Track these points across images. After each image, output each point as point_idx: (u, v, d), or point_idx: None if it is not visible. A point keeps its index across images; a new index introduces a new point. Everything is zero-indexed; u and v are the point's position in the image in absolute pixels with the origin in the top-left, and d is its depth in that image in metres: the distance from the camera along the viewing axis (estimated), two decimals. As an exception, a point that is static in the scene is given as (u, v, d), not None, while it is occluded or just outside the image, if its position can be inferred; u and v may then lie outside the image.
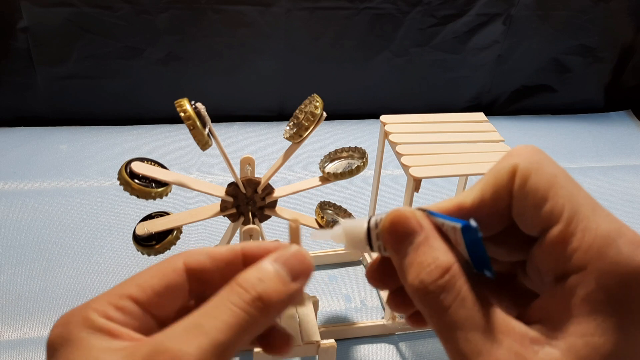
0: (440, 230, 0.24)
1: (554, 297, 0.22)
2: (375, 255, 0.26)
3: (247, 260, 0.26)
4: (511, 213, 0.24)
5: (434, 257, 0.23)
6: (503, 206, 0.24)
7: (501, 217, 0.24)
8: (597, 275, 0.21)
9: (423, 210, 0.25)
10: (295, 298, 0.25)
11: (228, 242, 0.52)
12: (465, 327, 0.22)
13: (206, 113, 0.43)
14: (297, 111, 0.49)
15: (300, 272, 0.25)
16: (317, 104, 0.47)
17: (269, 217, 0.52)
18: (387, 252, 0.25)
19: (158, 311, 0.25)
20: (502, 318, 0.22)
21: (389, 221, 0.24)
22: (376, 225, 0.25)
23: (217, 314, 0.23)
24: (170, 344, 0.22)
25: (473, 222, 0.22)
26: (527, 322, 0.23)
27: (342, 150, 0.52)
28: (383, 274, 0.26)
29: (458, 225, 0.22)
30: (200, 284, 0.26)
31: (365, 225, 0.25)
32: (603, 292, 0.21)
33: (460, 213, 0.24)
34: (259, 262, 0.25)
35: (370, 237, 0.25)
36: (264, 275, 0.24)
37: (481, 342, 0.22)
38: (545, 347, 0.22)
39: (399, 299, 0.27)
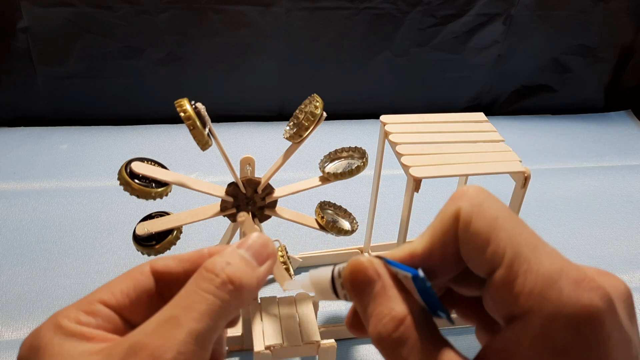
0: (397, 278, 0.25)
1: (503, 340, 0.22)
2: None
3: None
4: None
5: (389, 307, 0.23)
6: (452, 251, 0.24)
7: (454, 261, 0.24)
8: (540, 320, 0.21)
9: (380, 258, 0.25)
10: (263, 282, 0.25)
11: (228, 242, 0.52)
12: None
13: (206, 113, 0.43)
14: (297, 111, 0.49)
15: (265, 256, 0.25)
16: (317, 104, 0.47)
17: (269, 217, 0.52)
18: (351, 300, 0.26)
19: (130, 315, 0.25)
20: None
21: (349, 271, 0.25)
22: (339, 274, 0.25)
23: (190, 303, 0.23)
24: (147, 339, 0.22)
25: (421, 273, 0.23)
26: None
27: (342, 150, 0.52)
28: (361, 323, 0.26)
29: (409, 274, 0.23)
30: (169, 288, 0.26)
31: (330, 275, 0.26)
32: (546, 337, 0.21)
33: (412, 261, 0.25)
34: (223, 250, 0.25)
35: (335, 286, 0.26)
36: (230, 259, 0.24)
37: None
38: None
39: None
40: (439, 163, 0.50)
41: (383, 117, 0.56)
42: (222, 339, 0.27)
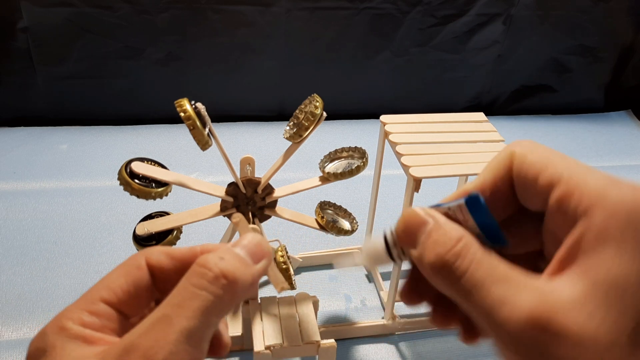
0: (449, 215, 0.25)
1: (566, 247, 0.22)
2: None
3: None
4: (514, 195, 0.25)
5: (444, 233, 0.24)
6: (505, 189, 0.25)
7: (505, 201, 0.25)
8: (603, 212, 0.21)
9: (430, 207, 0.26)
10: (257, 280, 0.25)
11: (228, 242, 0.52)
12: (485, 284, 0.22)
13: (206, 113, 0.43)
14: (297, 111, 0.49)
15: (259, 255, 0.25)
16: (317, 104, 0.47)
17: (269, 217, 0.52)
18: (406, 254, 0.26)
19: (130, 310, 0.25)
20: (520, 271, 0.22)
21: (402, 221, 0.25)
22: (391, 233, 0.26)
23: (182, 301, 0.23)
24: (139, 340, 0.22)
25: (474, 192, 0.24)
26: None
27: (342, 150, 0.52)
28: (415, 291, 0.27)
29: (462, 201, 0.24)
30: (163, 283, 0.26)
31: (382, 238, 0.26)
32: (612, 224, 0.21)
33: (465, 196, 0.25)
34: (216, 248, 0.25)
35: (389, 248, 0.26)
36: (224, 254, 0.24)
37: (503, 292, 0.22)
38: (566, 282, 0.21)
39: (440, 314, 0.27)
40: (439, 163, 0.50)
41: (383, 117, 0.56)
42: (224, 325, 0.27)
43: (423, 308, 0.27)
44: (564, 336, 0.20)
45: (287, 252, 0.52)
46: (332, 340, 0.49)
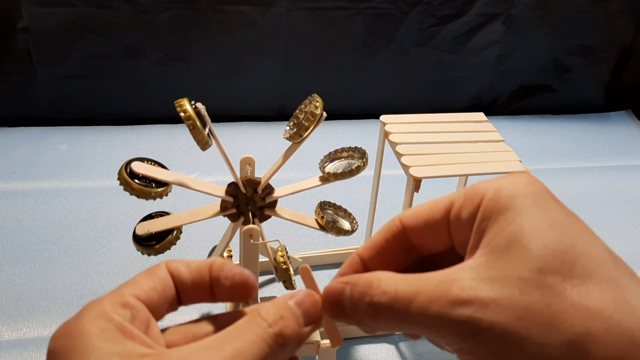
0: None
1: (472, 238, 0.26)
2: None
3: (213, 274, 0.28)
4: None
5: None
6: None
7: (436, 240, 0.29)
8: (489, 198, 0.25)
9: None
10: (304, 342, 0.26)
11: (228, 242, 0.52)
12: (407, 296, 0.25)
13: (206, 113, 0.43)
14: (297, 111, 0.49)
15: (313, 316, 0.27)
16: (317, 104, 0.47)
17: (269, 217, 0.52)
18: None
19: (157, 311, 0.26)
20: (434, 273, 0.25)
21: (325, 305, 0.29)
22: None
23: (242, 340, 0.24)
24: (190, 357, 0.23)
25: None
26: None
27: (342, 150, 0.52)
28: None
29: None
30: (181, 291, 0.27)
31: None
32: (496, 203, 0.25)
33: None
34: (277, 299, 0.26)
35: None
36: (283, 313, 0.25)
37: (415, 289, 0.25)
38: (470, 260, 0.25)
39: None
40: (439, 163, 0.50)
41: (383, 117, 0.56)
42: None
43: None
44: (464, 302, 0.23)
45: (287, 252, 0.52)
46: (332, 340, 0.49)
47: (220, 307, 0.59)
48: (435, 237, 0.28)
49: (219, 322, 0.27)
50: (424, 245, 0.29)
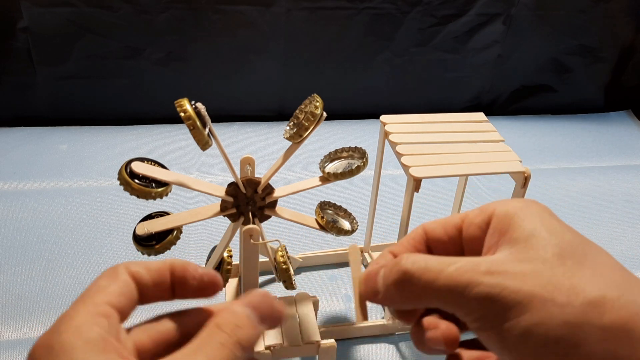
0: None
1: (491, 239, 0.30)
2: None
3: (177, 275, 0.29)
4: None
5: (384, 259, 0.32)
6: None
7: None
8: (500, 213, 0.30)
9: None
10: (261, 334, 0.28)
11: (228, 242, 0.52)
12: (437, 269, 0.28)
13: (206, 113, 0.43)
14: (297, 111, 0.49)
15: (269, 317, 0.28)
16: (317, 104, 0.47)
17: (269, 217, 0.52)
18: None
19: (124, 315, 0.27)
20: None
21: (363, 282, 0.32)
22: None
23: (208, 351, 0.25)
24: None
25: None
26: None
27: (342, 150, 0.52)
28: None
29: None
30: (142, 293, 0.28)
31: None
32: (511, 217, 0.29)
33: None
34: (232, 306, 0.27)
35: None
36: (240, 322, 0.27)
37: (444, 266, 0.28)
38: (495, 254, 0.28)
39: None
40: (439, 163, 0.50)
41: (383, 117, 0.56)
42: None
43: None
44: (494, 272, 0.26)
45: (287, 252, 0.52)
46: (332, 340, 0.49)
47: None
48: (452, 246, 0.32)
49: (181, 319, 0.28)
50: (440, 254, 0.31)
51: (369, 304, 0.33)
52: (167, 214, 0.50)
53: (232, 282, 0.60)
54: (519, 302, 0.25)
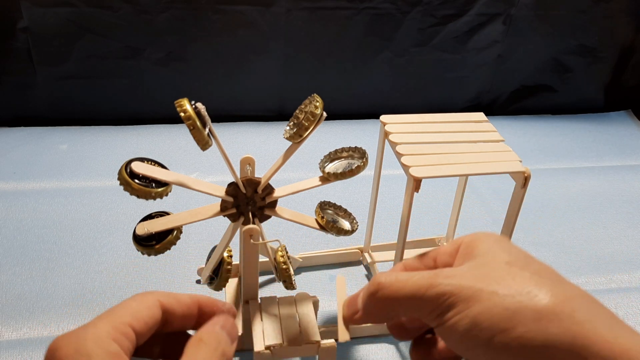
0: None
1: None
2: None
3: (202, 309, 0.34)
4: None
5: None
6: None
7: None
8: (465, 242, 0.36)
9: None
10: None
11: (228, 242, 0.52)
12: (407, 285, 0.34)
13: (206, 113, 0.43)
14: (297, 111, 0.49)
15: (234, 336, 0.33)
16: (317, 104, 0.47)
17: (269, 217, 0.52)
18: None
19: (140, 340, 0.30)
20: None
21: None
22: None
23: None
24: None
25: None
26: None
27: (342, 150, 0.52)
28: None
29: None
30: (168, 322, 0.33)
31: None
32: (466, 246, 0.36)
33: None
34: (211, 327, 0.32)
35: None
36: (219, 338, 0.31)
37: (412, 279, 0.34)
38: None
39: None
40: (439, 163, 0.50)
41: (383, 117, 0.56)
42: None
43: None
44: (449, 276, 0.32)
45: (287, 252, 0.52)
46: (332, 340, 0.49)
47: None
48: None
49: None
50: None
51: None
52: (167, 214, 0.50)
53: (232, 282, 0.60)
54: (470, 296, 0.31)
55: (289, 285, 0.53)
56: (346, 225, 0.54)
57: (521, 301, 0.30)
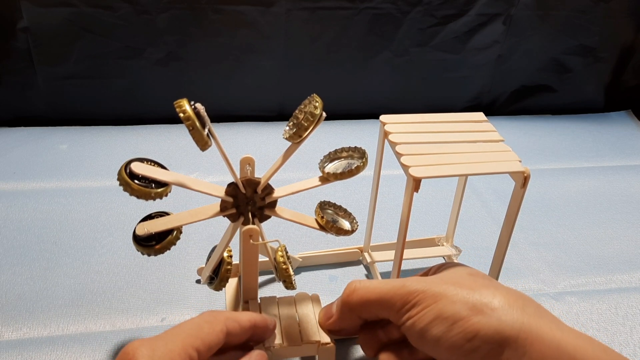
0: None
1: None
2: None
3: (256, 328, 0.43)
4: None
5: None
6: None
7: None
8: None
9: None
10: None
11: (228, 242, 0.52)
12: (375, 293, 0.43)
13: (205, 113, 0.43)
14: (296, 111, 0.49)
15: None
16: (317, 104, 0.47)
17: (269, 217, 0.52)
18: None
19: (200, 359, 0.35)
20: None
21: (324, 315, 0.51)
22: None
23: None
24: None
25: None
26: None
27: (342, 150, 0.52)
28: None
29: None
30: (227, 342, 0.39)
31: None
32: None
33: None
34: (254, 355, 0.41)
35: None
36: None
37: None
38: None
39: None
40: (439, 163, 0.50)
41: (383, 117, 0.56)
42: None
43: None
44: (415, 281, 0.41)
45: (287, 252, 0.52)
46: (332, 340, 0.49)
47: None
48: None
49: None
50: None
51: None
52: (167, 214, 0.50)
53: (232, 282, 0.60)
54: (437, 293, 0.38)
55: (289, 285, 0.53)
56: (346, 225, 0.54)
57: (480, 298, 0.38)
